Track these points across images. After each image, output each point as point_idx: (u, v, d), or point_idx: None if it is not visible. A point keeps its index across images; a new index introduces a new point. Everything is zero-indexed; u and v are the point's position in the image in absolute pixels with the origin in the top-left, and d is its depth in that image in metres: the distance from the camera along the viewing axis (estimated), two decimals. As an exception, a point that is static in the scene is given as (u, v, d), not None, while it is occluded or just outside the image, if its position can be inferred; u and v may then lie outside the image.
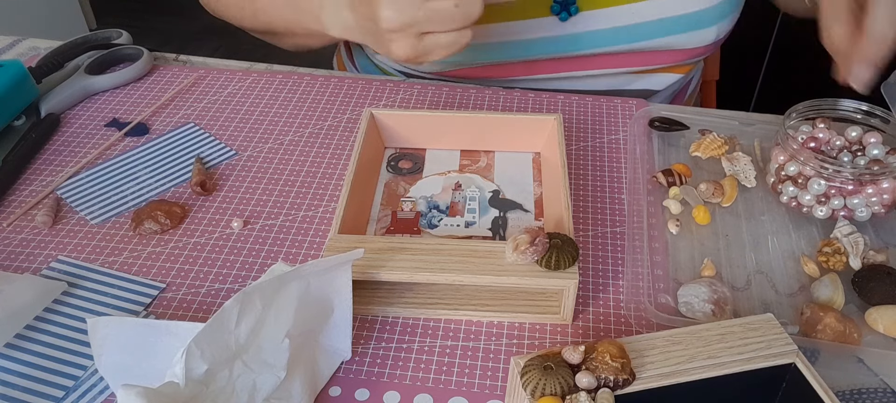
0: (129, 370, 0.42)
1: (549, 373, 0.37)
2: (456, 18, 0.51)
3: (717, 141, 0.60)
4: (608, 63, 0.72)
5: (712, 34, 0.69)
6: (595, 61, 0.72)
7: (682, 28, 0.68)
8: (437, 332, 0.48)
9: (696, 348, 0.40)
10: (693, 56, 0.72)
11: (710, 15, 0.68)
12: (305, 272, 0.42)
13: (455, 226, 0.55)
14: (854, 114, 0.57)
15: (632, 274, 0.50)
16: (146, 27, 2.50)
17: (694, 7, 0.67)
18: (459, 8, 0.51)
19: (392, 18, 0.51)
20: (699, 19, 0.68)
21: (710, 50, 0.73)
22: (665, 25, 0.68)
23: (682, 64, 0.74)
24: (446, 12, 0.51)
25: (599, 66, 0.72)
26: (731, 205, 0.57)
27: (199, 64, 0.76)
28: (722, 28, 0.70)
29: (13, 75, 0.64)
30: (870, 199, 0.53)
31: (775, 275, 0.51)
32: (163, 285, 0.51)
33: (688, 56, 0.72)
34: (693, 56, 0.72)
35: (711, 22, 0.69)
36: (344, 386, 0.45)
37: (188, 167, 0.61)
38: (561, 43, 0.69)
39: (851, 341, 0.45)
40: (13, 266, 0.52)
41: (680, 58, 0.72)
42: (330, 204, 0.58)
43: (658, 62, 0.72)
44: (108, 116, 0.67)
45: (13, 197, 0.58)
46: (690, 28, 0.68)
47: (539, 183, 0.59)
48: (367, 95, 0.69)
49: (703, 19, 0.68)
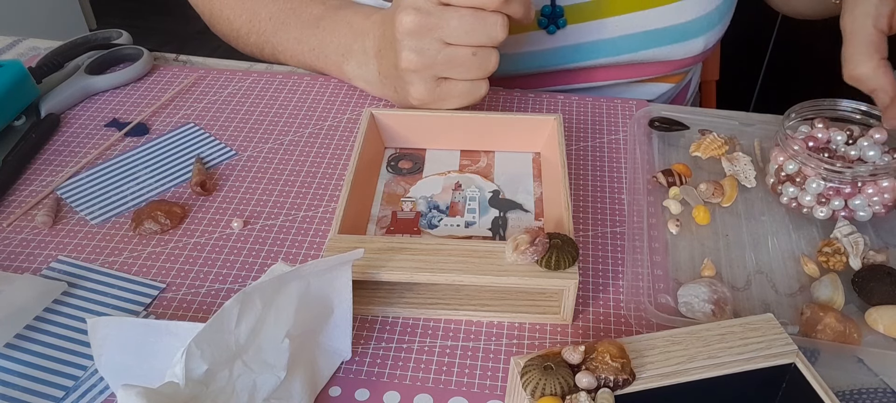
0: (129, 370, 0.42)
1: (549, 373, 0.37)
2: (472, 68, 0.54)
3: (717, 141, 0.60)
4: (597, 76, 0.72)
5: (700, 45, 0.69)
6: (583, 74, 0.72)
7: (670, 40, 0.68)
8: (437, 332, 0.48)
9: (696, 348, 0.40)
10: (682, 66, 0.73)
11: (698, 26, 0.68)
12: (305, 272, 0.42)
13: (455, 226, 0.55)
14: (853, 114, 0.57)
15: (632, 274, 0.50)
16: (146, 27, 2.50)
17: (681, 19, 0.67)
18: (477, 57, 0.54)
19: (412, 59, 0.54)
20: (686, 30, 0.68)
21: (699, 60, 0.73)
22: (653, 37, 0.68)
23: (672, 74, 0.74)
24: (464, 58, 0.54)
25: (588, 80, 0.73)
26: (731, 205, 0.57)
27: (199, 64, 0.76)
28: (710, 39, 0.70)
29: (13, 75, 0.64)
30: (870, 199, 0.53)
31: (775, 275, 0.51)
32: (163, 285, 0.51)
33: (677, 66, 0.72)
34: (682, 66, 0.73)
35: (699, 33, 0.69)
36: (344, 386, 0.45)
37: (188, 167, 0.61)
38: (549, 56, 0.69)
39: (851, 341, 0.45)
40: (13, 266, 0.52)
41: (669, 69, 0.72)
42: (330, 205, 0.58)
43: (647, 74, 0.73)
44: (108, 116, 0.67)
45: (13, 197, 0.58)
46: (678, 39, 0.68)
47: (539, 183, 0.59)
48: (368, 95, 0.69)
49: (691, 30, 0.68)
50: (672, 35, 0.68)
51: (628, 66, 0.71)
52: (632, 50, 0.69)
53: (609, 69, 0.72)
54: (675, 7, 0.67)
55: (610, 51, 0.69)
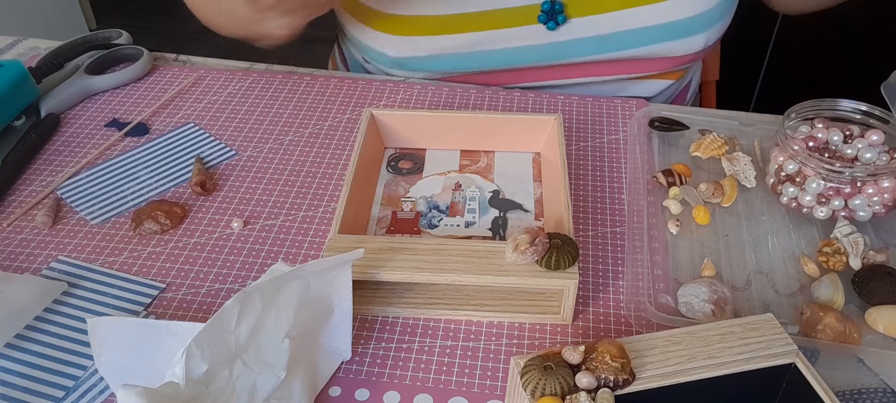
0: (129, 370, 0.42)
1: (549, 373, 0.37)
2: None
3: (717, 141, 0.60)
4: (596, 71, 0.72)
5: (701, 41, 0.69)
6: (583, 69, 0.72)
7: (670, 36, 0.68)
8: (437, 332, 0.48)
9: (696, 348, 0.40)
10: (682, 63, 0.72)
11: (699, 22, 0.68)
12: (305, 272, 0.42)
13: (455, 226, 0.55)
14: (853, 114, 0.57)
15: (632, 274, 0.50)
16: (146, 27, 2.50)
17: (681, 15, 0.67)
18: None
19: None
20: (687, 27, 0.68)
21: (700, 56, 0.73)
22: (652, 33, 0.68)
23: (672, 70, 0.74)
24: None
25: (587, 74, 0.72)
26: (731, 205, 0.57)
27: (199, 64, 0.76)
28: (711, 35, 0.70)
29: (13, 75, 0.64)
30: (870, 199, 0.53)
31: (775, 275, 0.51)
32: (163, 285, 0.51)
33: (677, 63, 0.72)
34: (682, 63, 0.72)
35: (699, 29, 0.68)
36: (344, 386, 0.45)
37: (188, 167, 0.61)
38: (548, 51, 0.69)
39: (851, 341, 0.45)
40: (13, 266, 0.52)
41: (669, 65, 0.72)
42: (330, 205, 0.58)
43: (647, 70, 0.72)
44: (108, 116, 0.67)
45: (13, 197, 0.58)
46: (678, 36, 0.68)
47: (539, 183, 0.59)
48: (367, 95, 0.69)
49: (691, 27, 0.68)
50: (672, 31, 0.68)
51: (629, 62, 0.71)
52: (632, 46, 0.69)
53: (609, 65, 0.71)
54: (674, 3, 0.67)
55: (610, 47, 0.69)
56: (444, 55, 0.70)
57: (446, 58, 0.70)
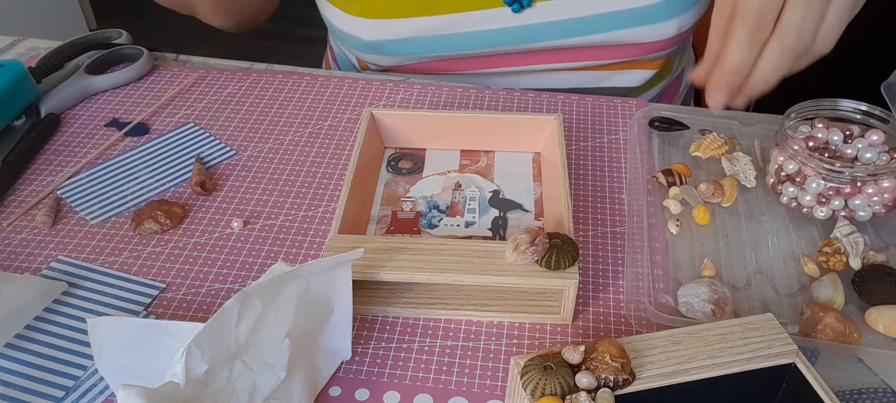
0: (129, 370, 0.42)
1: (549, 373, 0.37)
2: None
3: (717, 141, 0.60)
4: (567, 57, 0.71)
5: (674, 27, 0.68)
6: (553, 55, 0.71)
7: (640, 20, 0.67)
8: (437, 332, 0.48)
9: (696, 348, 0.40)
10: (655, 50, 0.71)
11: (670, 7, 0.67)
12: (305, 272, 0.42)
13: (455, 226, 0.55)
14: (853, 114, 0.57)
15: (632, 274, 0.50)
16: (146, 27, 2.50)
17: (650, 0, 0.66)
18: None
19: None
20: (658, 11, 0.67)
21: (675, 43, 0.71)
22: (622, 17, 0.67)
23: (647, 58, 0.73)
24: None
25: (558, 61, 0.72)
26: (731, 205, 0.57)
27: (199, 64, 0.76)
28: (684, 21, 0.68)
29: (13, 75, 0.64)
30: (870, 199, 0.53)
31: (775, 275, 0.51)
32: (163, 285, 0.51)
33: (650, 50, 0.71)
34: (655, 50, 0.71)
35: (671, 14, 0.67)
36: (344, 386, 0.45)
37: (188, 167, 0.61)
38: (515, 35, 0.69)
39: (851, 341, 0.45)
40: (13, 266, 0.52)
41: (642, 51, 0.71)
42: (330, 205, 0.58)
43: (620, 56, 0.71)
44: (108, 116, 0.67)
45: (13, 197, 0.58)
46: (649, 21, 0.67)
47: (539, 183, 0.59)
48: (367, 95, 0.69)
49: (662, 12, 0.67)
50: (643, 16, 0.67)
51: (600, 49, 0.70)
52: (600, 30, 0.68)
53: (578, 50, 0.71)
54: None
55: (577, 30, 0.68)
56: (415, 38, 0.70)
57: (417, 41, 0.70)
